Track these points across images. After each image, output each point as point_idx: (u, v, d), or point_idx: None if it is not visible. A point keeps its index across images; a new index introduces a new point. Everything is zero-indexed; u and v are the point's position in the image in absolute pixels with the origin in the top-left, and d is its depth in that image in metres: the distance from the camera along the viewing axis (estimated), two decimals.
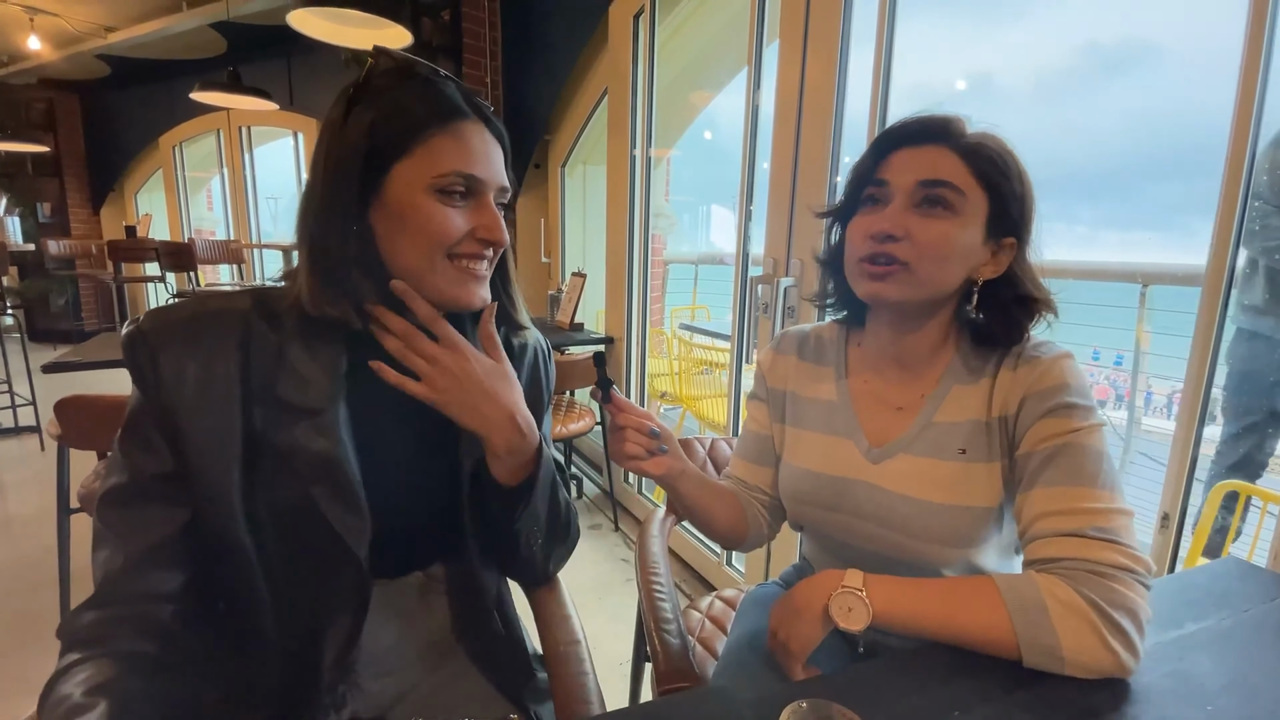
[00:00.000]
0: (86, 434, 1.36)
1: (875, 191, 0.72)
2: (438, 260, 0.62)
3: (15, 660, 1.71)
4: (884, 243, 0.70)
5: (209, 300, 0.63)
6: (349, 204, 0.60)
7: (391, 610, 0.72)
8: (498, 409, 0.65)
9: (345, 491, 0.62)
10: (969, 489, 0.71)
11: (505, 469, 0.68)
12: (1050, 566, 0.61)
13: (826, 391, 0.84)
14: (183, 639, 0.59)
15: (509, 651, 0.80)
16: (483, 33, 3.23)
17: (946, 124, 0.71)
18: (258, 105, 3.59)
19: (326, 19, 2.19)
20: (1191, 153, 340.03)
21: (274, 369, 0.61)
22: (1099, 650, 0.56)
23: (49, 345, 6.08)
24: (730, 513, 0.86)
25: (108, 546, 0.58)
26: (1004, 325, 0.73)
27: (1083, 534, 0.61)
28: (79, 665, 0.54)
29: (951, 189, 0.69)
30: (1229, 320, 1.14)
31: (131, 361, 0.59)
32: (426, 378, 0.63)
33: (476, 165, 0.62)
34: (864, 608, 0.62)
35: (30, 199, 6.28)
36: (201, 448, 0.59)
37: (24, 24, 4.46)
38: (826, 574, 0.67)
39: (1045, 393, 0.68)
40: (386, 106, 0.60)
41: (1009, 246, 0.72)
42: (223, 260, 5.41)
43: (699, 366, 3.58)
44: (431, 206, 0.60)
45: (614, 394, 0.75)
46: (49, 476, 2.81)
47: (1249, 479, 1.84)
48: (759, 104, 1.88)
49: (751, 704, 0.53)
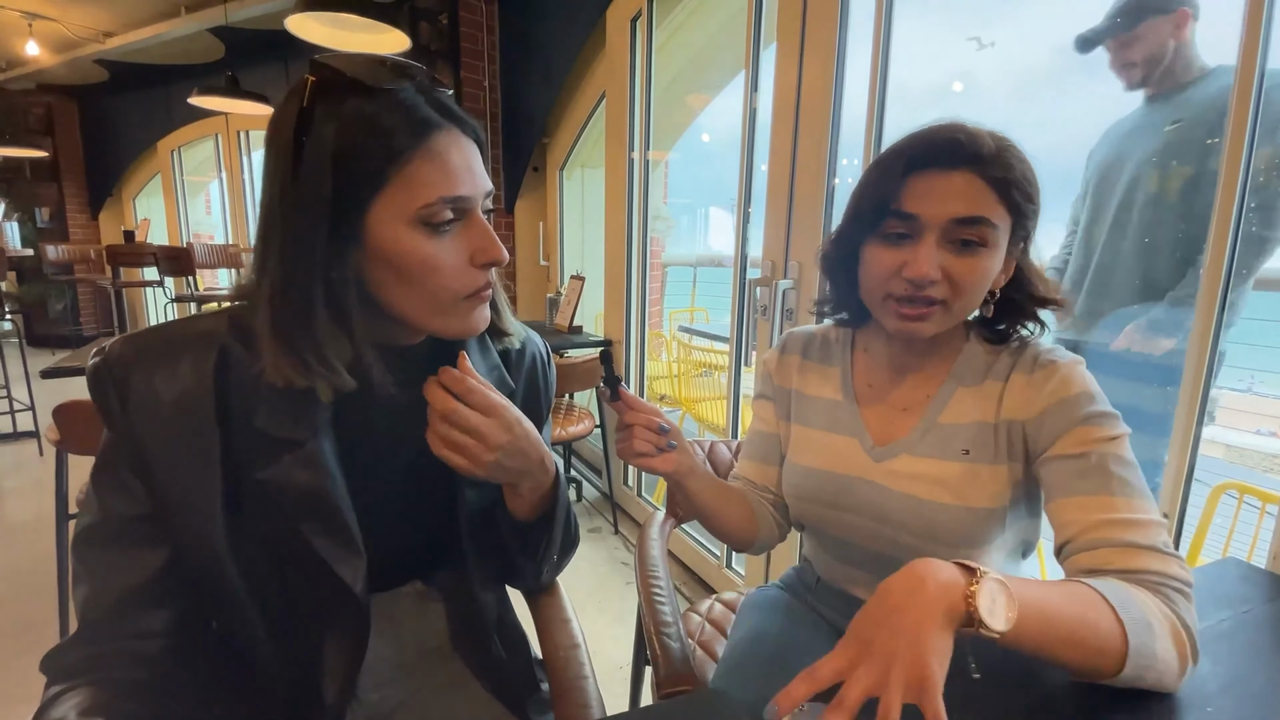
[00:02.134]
0: (85, 439, 1.36)
1: (902, 226, 0.68)
2: (449, 303, 0.57)
3: (14, 667, 1.70)
4: (922, 288, 0.67)
5: (180, 324, 0.57)
6: (316, 260, 0.52)
7: (388, 621, 0.71)
8: (530, 461, 0.63)
9: (336, 526, 0.58)
10: (972, 490, 0.71)
11: (526, 505, 0.67)
12: (1124, 576, 0.58)
13: (831, 391, 0.84)
14: (173, 670, 0.56)
15: (510, 661, 0.78)
16: (480, 36, 3.24)
17: (960, 144, 0.66)
18: (256, 110, 3.59)
19: (324, 24, 2.19)
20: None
21: (252, 398, 0.55)
22: (1180, 663, 0.54)
23: (47, 350, 6.07)
24: (740, 513, 0.86)
25: (87, 586, 0.55)
26: (1017, 325, 0.74)
27: (1155, 548, 0.59)
28: (70, 692, 0.51)
29: (987, 225, 0.66)
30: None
31: (99, 396, 0.54)
32: (469, 452, 0.58)
33: (461, 183, 0.55)
34: (1010, 600, 0.48)
35: (29, 204, 6.28)
36: (179, 483, 0.55)
37: (22, 29, 4.46)
38: (918, 565, 0.50)
39: (1073, 400, 0.67)
40: (347, 133, 0.51)
41: (1019, 251, 0.73)
42: (221, 265, 5.40)
43: (698, 369, 3.58)
44: (423, 244, 0.54)
45: (622, 390, 0.73)
46: (48, 482, 2.81)
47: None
48: (756, 106, 1.88)
49: (751, 707, 0.53)
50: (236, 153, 5.65)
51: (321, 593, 0.60)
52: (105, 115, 6.32)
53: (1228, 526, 1.63)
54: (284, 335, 0.53)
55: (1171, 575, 0.57)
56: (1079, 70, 1.58)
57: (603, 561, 2.39)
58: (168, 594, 0.57)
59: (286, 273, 0.53)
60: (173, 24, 4.43)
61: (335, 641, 0.63)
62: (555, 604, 0.84)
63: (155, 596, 0.56)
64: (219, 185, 6.00)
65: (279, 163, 0.52)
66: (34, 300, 6.27)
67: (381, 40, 2.25)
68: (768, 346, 1.74)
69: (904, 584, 0.49)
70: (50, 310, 6.38)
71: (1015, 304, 0.74)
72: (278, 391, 0.55)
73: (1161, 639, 0.53)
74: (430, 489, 0.68)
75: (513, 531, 0.68)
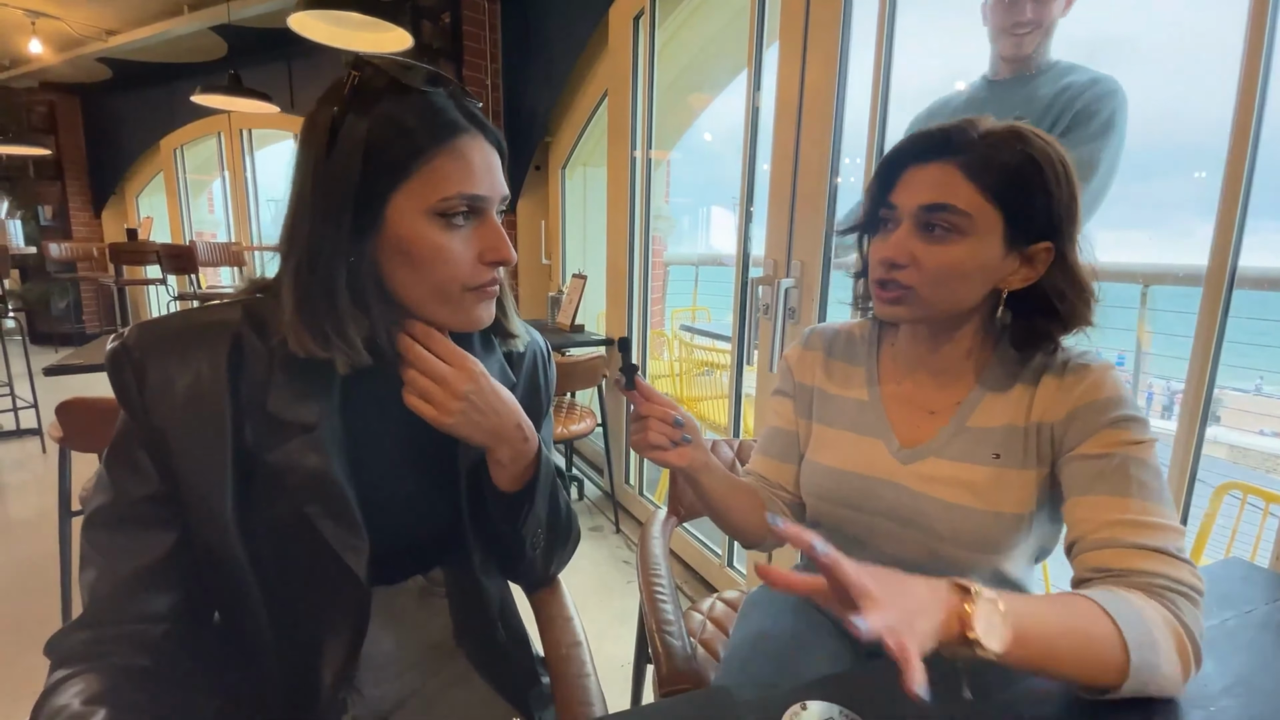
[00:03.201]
0: (88, 436, 1.37)
1: (886, 214, 0.72)
2: (454, 294, 0.60)
3: (16, 664, 1.71)
4: (891, 270, 0.70)
5: (196, 313, 0.60)
6: (341, 242, 0.56)
7: (391, 615, 0.72)
8: (503, 421, 0.65)
9: (340, 509, 0.60)
10: (1001, 495, 0.70)
11: (508, 476, 0.68)
12: (1129, 577, 0.58)
13: (857, 391, 0.84)
14: (176, 656, 0.57)
15: (512, 656, 0.79)
16: (483, 35, 3.24)
17: (948, 137, 0.68)
18: (259, 108, 3.60)
19: (327, 22, 2.19)
20: (1175, 149, 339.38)
21: (264, 384, 0.58)
22: (1183, 673, 0.54)
23: (50, 348, 6.08)
24: (751, 509, 0.85)
25: (95, 568, 0.57)
26: (1029, 335, 0.71)
27: (1165, 550, 0.58)
28: (73, 678, 0.53)
29: (953, 212, 0.66)
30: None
31: (117, 379, 0.57)
32: (436, 399, 0.61)
33: (480, 183, 0.59)
34: (1003, 625, 0.49)
35: (32, 202, 6.29)
36: (192, 466, 0.57)
37: (25, 28, 4.47)
38: (933, 580, 0.51)
39: (1103, 403, 0.66)
40: (379, 128, 0.55)
41: (1043, 251, 0.68)
42: (224, 263, 5.42)
43: (700, 368, 3.59)
44: (437, 235, 0.57)
45: (638, 380, 0.72)
46: (50, 480, 2.81)
47: None
48: (759, 105, 1.88)
49: (753, 706, 0.53)
50: (239, 151, 5.66)
51: (324, 577, 0.61)
52: (108, 113, 6.33)
53: (1230, 527, 1.63)
54: (308, 308, 0.57)
55: (1179, 580, 0.57)
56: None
57: (604, 560, 2.39)
58: (174, 578, 0.58)
59: (313, 253, 0.56)
60: (175, 22, 4.44)
61: (334, 630, 0.64)
62: (557, 602, 0.84)
63: (162, 579, 0.57)
64: (221, 183, 6.02)
65: (313, 151, 0.56)
66: (37, 298, 6.29)
67: (384, 39, 2.25)
68: (770, 345, 1.74)
69: (918, 588, 0.49)
70: (53, 308, 6.40)
71: (1027, 312, 0.71)
72: (289, 377, 0.58)
73: (1165, 650, 0.53)
74: (434, 477, 0.70)
75: (495, 500, 0.70)
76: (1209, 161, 1.79)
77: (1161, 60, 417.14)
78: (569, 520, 0.80)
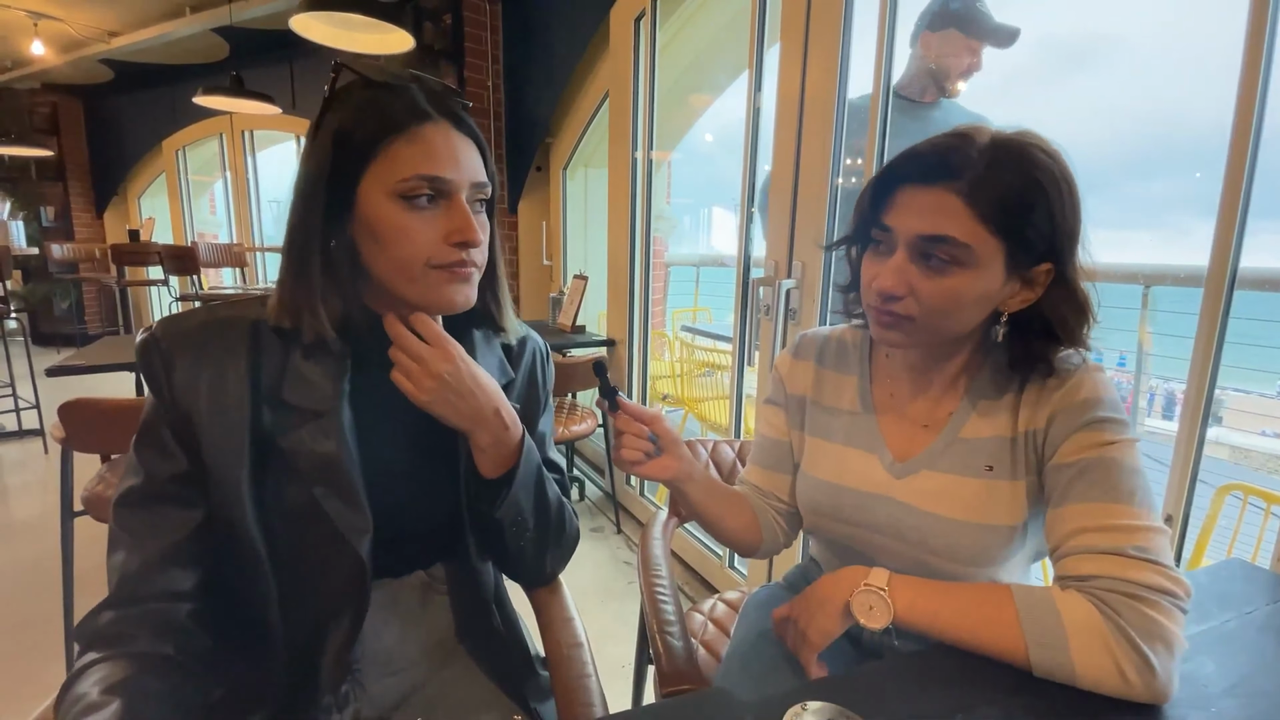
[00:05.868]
0: (90, 437, 1.36)
1: (880, 236, 0.68)
2: (417, 271, 0.62)
3: (19, 664, 1.71)
4: (888, 302, 0.67)
5: (219, 309, 0.65)
6: (317, 222, 0.61)
7: (393, 610, 0.73)
8: (481, 404, 0.67)
9: (347, 491, 0.64)
10: (994, 507, 0.70)
11: (490, 462, 0.70)
12: (1087, 584, 0.59)
13: (849, 401, 0.82)
14: (198, 637, 0.61)
15: (510, 649, 0.80)
16: (484, 36, 3.24)
17: (945, 157, 0.63)
18: (260, 109, 3.60)
19: (329, 24, 2.19)
20: (1173, 149, 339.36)
21: (281, 374, 0.63)
22: (1113, 676, 0.54)
23: (52, 349, 6.10)
24: (741, 519, 0.85)
25: (124, 548, 0.60)
26: (1025, 358, 0.69)
27: (1122, 552, 0.58)
28: (97, 665, 0.55)
29: (953, 245, 0.63)
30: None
31: (146, 368, 0.61)
32: (413, 376, 0.64)
33: (441, 166, 0.61)
34: (886, 607, 0.63)
35: (34, 203, 6.30)
36: (214, 449, 0.61)
37: (28, 29, 4.48)
38: (851, 570, 0.67)
39: (1078, 406, 0.65)
40: (348, 119, 0.60)
41: (1043, 273, 0.66)
42: (226, 264, 5.43)
43: (701, 368, 3.59)
44: (398, 215, 0.60)
45: (621, 400, 0.74)
46: (52, 480, 2.82)
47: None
48: (760, 106, 1.88)
49: (754, 707, 0.53)
50: (241, 152, 5.67)
51: (329, 556, 0.64)
52: (110, 115, 6.34)
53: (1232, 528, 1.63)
54: (287, 284, 0.63)
55: (1144, 584, 0.56)
56: (1063, 67, 1.56)
57: (605, 561, 2.39)
58: (199, 555, 0.62)
59: (293, 235, 0.62)
60: (177, 24, 4.44)
61: (336, 616, 0.66)
62: (558, 603, 0.84)
63: (187, 557, 0.61)
64: (223, 185, 6.03)
65: (307, 138, 0.63)
66: (39, 299, 6.30)
67: (385, 40, 2.25)
68: (771, 346, 1.74)
69: (826, 583, 0.68)
70: (55, 309, 6.41)
71: (1024, 334, 0.69)
72: (303, 367, 0.63)
73: (1080, 651, 0.55)
74: (437, 466, 0.73)
75: (475, 484, 0.71)
76: (1209, 162, 1.78)
77: (1161, 60, 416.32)
78: (560, 516, 0.79)
